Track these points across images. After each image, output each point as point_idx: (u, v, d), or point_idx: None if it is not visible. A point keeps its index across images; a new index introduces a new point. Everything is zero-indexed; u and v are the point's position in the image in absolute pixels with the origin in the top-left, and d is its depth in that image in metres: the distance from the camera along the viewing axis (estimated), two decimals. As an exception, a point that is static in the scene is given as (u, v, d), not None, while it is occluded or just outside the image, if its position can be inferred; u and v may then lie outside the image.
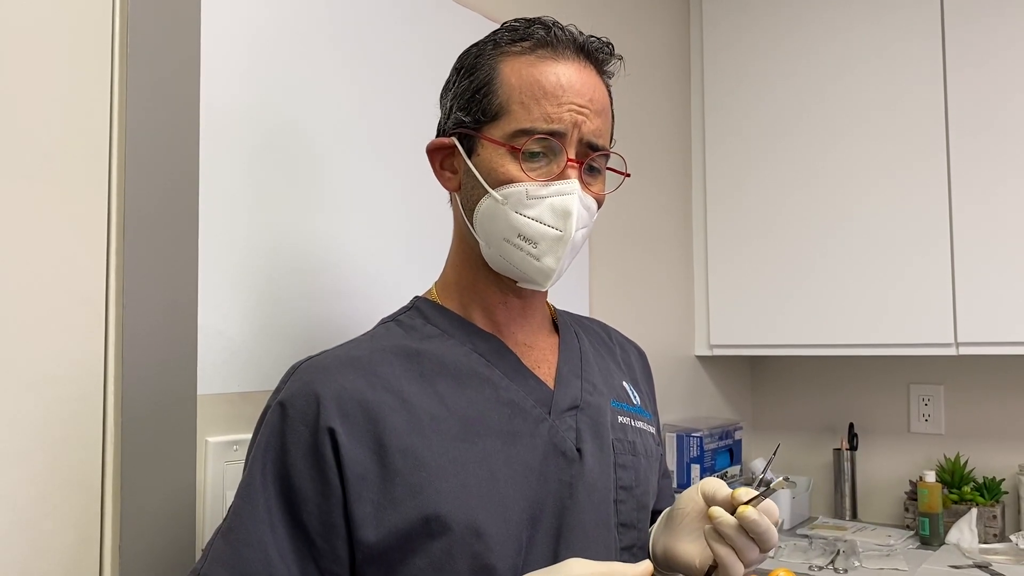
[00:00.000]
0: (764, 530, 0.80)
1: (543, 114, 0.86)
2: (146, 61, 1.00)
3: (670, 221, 2.21)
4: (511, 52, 0.89)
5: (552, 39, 0.89)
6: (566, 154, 0.87)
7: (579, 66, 0.89)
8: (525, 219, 0.86)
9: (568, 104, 0.86)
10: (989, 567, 1.78)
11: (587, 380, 0.96)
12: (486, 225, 0.89)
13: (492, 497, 0.83)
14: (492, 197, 0.87)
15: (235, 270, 1.10)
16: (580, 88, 0.88)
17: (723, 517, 0.81)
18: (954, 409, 2.23)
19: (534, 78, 0.87)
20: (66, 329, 0.93)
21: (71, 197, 0.94)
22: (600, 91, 0.91)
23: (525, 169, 0.86)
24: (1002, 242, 1.90)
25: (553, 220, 0.86)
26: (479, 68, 0.90)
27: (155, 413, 0.99)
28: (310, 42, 1.22)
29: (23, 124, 0.90)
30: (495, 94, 0.88)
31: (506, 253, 0.88)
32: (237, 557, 0.80)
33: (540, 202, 0.86)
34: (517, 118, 0.86)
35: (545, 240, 0.86)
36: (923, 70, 2.01)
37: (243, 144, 1.11)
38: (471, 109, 0.89)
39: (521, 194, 0.86)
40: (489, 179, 0.88)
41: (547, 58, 0.88)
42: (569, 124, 0.86)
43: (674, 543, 0.90)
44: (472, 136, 0.90)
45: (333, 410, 0.82)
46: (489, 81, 0.89)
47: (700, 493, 0.87)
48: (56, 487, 0.91)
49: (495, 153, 0.87)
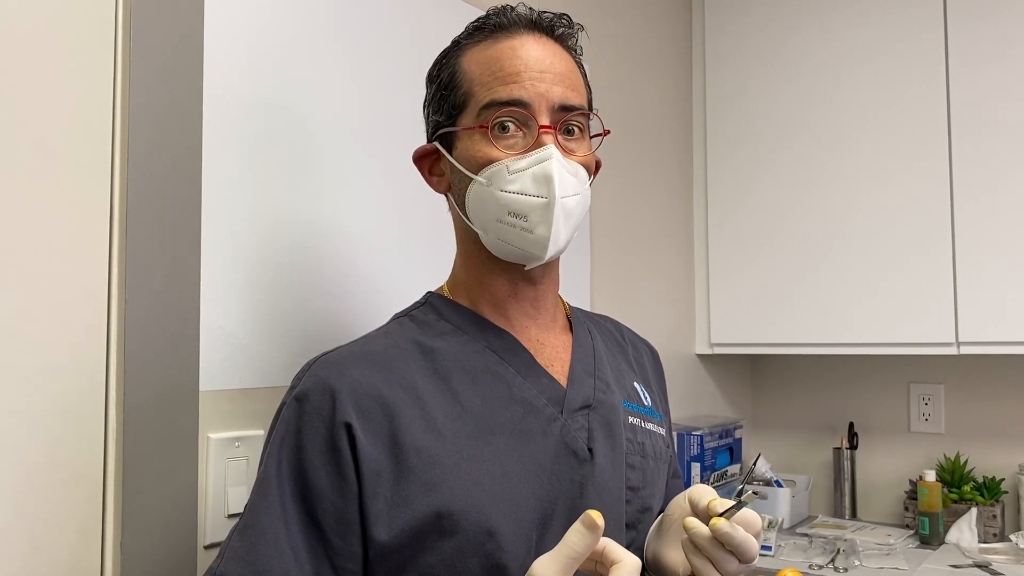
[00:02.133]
0: (739, 542, 0.78)
1: (503, 85, 0.87)
2: (149, 55, 0.99)
3: (671, 220, 2.20)
4: (468, 45, 0.92)
5: (503, 20, 0.91)
6: (537, 122, 0.87)
7: (535, 39, 0.90)
8: (511, 195, 0.86)
9: (528, 73, 0.88)
10: (989, 566, 1.79)
11: (600, 379, 0.95)
12: (478, 212, 0.89)
13: (505, 496, 0.82)
14: (476, 182, 0.88)
15: (238, 266, 1.09)
16: (539, 56, 0.89)
17: (697, 528, 0.79)
18: (954, 408, 2.23)
19: (491, 57, 0.89)
20: (68, 324, 0.92)
21: (74, 191, 0.94)
22: (562, 59, 0.91)
23: (499, 145, 0.87)
24: (1004, 242, 1.90)
25: (536, 189, 0.86)
26: (444, 69, 0.93)
27: (157, 409, 0.98)
28: (313, 36, 1.21)
29: (26, 117, 0.90)
30: (459, 86, 0.91)
31: (502, 234, 0.88)
32: (253, 554, 0.80)
33: (521, 175, 0.86)
34: (480, 97, 0.88)
35: (534, 211, 0.86)
36: (925, 70, 2.00)
37: (246, 139, 1.11)
38: (443, 108, 0.92)
39: (502, 171, 0.87)
40: (470, 166, 0.89)
41: (502, 38, 0.90)
42: (533, 93, 0.87)
43: (662, 549, 0.89)
44: (449, 132, 0.92)
45: (350, 405, 0.82)
46: (452, 76, 0.92)
47: (687, 500, 0.86)
48: (57, 483, 0.91)
49: (470, 140, 0.89)
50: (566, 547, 0.69)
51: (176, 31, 1.02)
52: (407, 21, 1.36)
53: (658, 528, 0.93)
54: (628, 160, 2.02)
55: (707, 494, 0.83)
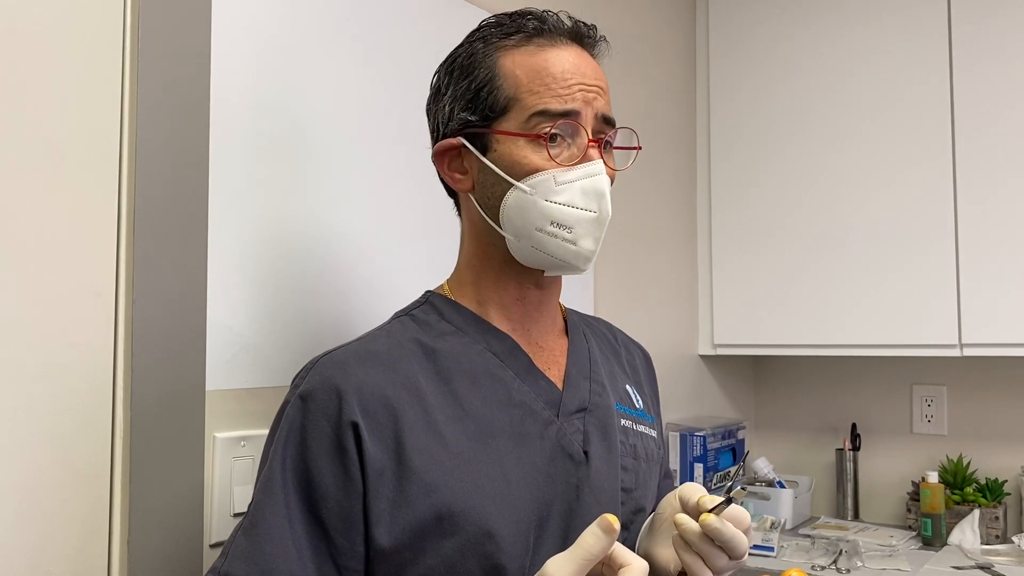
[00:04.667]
0: (728, 538, 0.79)
1: (555, 96, 0.87)
2: (157, 56, 1.00)
3: (675, 220, 2.21)
4: (507, 46, 0.90)
5: (547, 28, 0.90)
6: (586, 134, 0.88)
7: (577, 50, 0.91)
8: (557, 205, 0.87)
9: (577, 84, 0.88)
10: (991, 568, 1.79)
11: (595, 382, 0.96)
12: (515, 219, 0.88)
13: (504, 498, 0.83)
14: (519, 189, 0.87)
15: (244, 265, 1.10)
16: (584, 69, 0.89)
17: (687, 524, 0.80)
18: (957, 410, 2.24)
19: (540, 65, 0.88)
20: (76, 323, 0.93)
21: (82, 191, 0.94)
22: (600, 71, 0.93)
23: (542, 159, 0.87)
24: (1007, 243, 1.90)
25: (585, 202, 0.87)
26: (477, 67, 0.90)
27: (164, 408, 0.99)
28: (320, 37, 1.22)
29: (36, 119, 0.90)
30: (500, 88, 0.88)
31: (539, 243, 0.88)
32: (258, 552, 0.80)
33: (570, 186, 0.87)
34: (530, 104, 0.87)
35: (581, 223, 0.87)
36: (929, 71, 2.00)
37: (253, 139, 1.11)
38: (477, 108, 0.89)
39: (549, 181, 0.86)
40: (512, 172, 0.88)
41: (545, 46, 0.89)
42: (582, 103, 0.88)
43: (653, 547, 0.90)
44: (484, 134, 0.89)
45: (355, 405, 0.82)
46: (492, 77, 0.89)
47: (678, 498, 0.86)
48: (64, 481, 0.92)
49: (514, 146, 0.88)
50: (581, 549, 0.70)
51: (184, 32, 1.03)
52: (413, 24, 1.37)
53: (649, 526, 0.94)
54: (632, 160, 2.02)
55: (697, 491, 0.84)
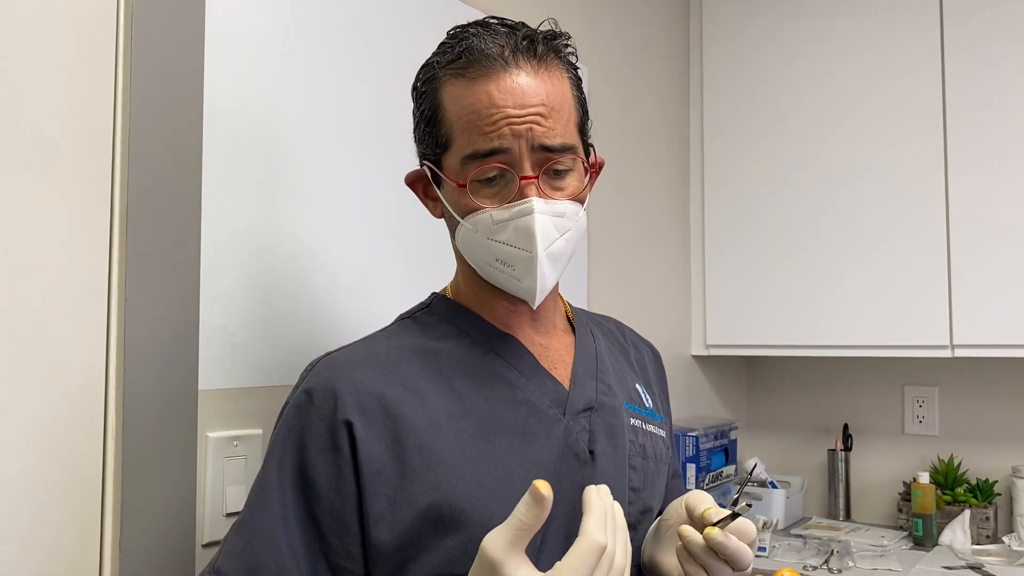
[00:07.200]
0: (733, 552, 0.79)
1: (482, 135, 0.83)
2: (150, 57, 1.00)
3: (667, 220, 2.21)
4: (448, 75, 0.87)
5: (479, 56, 0.84)
6: (517, 172, 0.84)
7: (513, 72, 0.84)
8: (498, 244, 0.85)
9: (504, 119, 0.83)
10: (982, 568, 1.80)
11: (602, 381, 0.96)
12: (468, 251, 0.89)
13: (507, 496, 0.83)
14: (464, 227, 0.87)
15: (237, 266, 1.09)
16: (518, 97, 0.84)
17: (691, 537, 0.80)
18: (948, 411, 2.24)
19: (467, 102, 0.85)
20: (68, 323, 0.93)
21: (75, 192, 0.94)
22: (545, 85, 0.85)
23: (481, 198, 0.85)
24: (999, 245, 1.91)
25: (519, 242, 0.84)
26: (426, 96, 0.89)
27: (156, 408, 0.99)
28: (313, 41, 1.21)
29: (28, 118, 0.90)
30: (441, 123, 0.87)
31: (491, 277, 0.89)
32: (249, 550, 0.80)
33: (506, 226, 0.84)
34: (460, 146, 0.85)
35: (519, 262, 0.85)
36: (921, 70, 2.01)
37: (246, 141, 1.11)
38: (426, 141, 0.90)
39: (487, 220, 0.85)
40: (457, 209, 0.88)
41: (477, 77, 0.84)
42: (510, 138, 0.83)
43: (658, 553, 0.90)
44: (434, 168, 0.90)
45: (351, 404, 0.82)
46: (435, 110, 0.88)
47: (684, 507, 0.87)
48: (56, 481, 0.91)
49: (454, 187, 0.87)
50: (515, 519, 0.70)
51: (177, 33, 1.03)
52: (406, 27, 1.37)
53: (655, 532, 0.94)
54: (624, 160, 2.02)
55: (703, 502, 0.84)
